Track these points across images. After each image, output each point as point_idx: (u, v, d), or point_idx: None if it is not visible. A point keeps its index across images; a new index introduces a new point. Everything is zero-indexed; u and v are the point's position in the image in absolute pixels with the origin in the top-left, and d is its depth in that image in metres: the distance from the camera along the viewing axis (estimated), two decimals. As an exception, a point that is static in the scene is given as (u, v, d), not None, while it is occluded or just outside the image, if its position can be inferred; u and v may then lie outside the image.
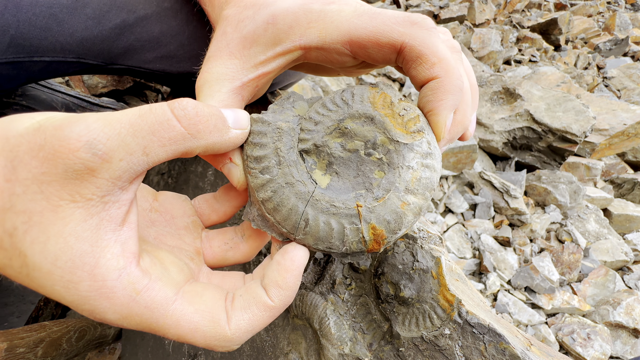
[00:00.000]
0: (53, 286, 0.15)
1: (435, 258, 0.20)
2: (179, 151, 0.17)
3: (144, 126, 0.16)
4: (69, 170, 0.15)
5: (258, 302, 0.18)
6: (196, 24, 0.38)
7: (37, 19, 0.30)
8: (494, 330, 0.17)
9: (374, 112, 0.18)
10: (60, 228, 0.15)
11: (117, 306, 0.16)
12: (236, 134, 0.18)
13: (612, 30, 1.90)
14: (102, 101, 0.57)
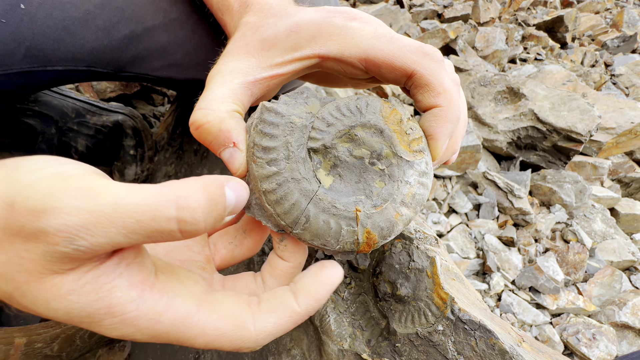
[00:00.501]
0: (80, 323, 0.16)
1: (430, 258, 0.21)
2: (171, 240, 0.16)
3: (140, 232, 0.15)
4: (48, 256, 0.14)
5: (285, 306, 0.19)
6: (201, 34, 0.40)
7: (51, 31, 0.32)
8: (484, 327, 0.18)
9: (385, 126, 0.20)
10: (55, 292, 0.15)
11: (144, 329, 0.16)
12: (230, 219, 0.18)
13: (620, 26, 1.88)
14: (111, 106, 0.58)
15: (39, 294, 0.15)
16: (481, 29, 1.40)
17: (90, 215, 0.14)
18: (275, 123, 0.19)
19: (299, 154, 0.19)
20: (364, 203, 0.19)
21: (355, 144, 0.20)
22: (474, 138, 0.91)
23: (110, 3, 0.34)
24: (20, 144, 0.50)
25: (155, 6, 0.36)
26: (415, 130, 0.20)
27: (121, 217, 0.14)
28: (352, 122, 0.20)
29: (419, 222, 0.25)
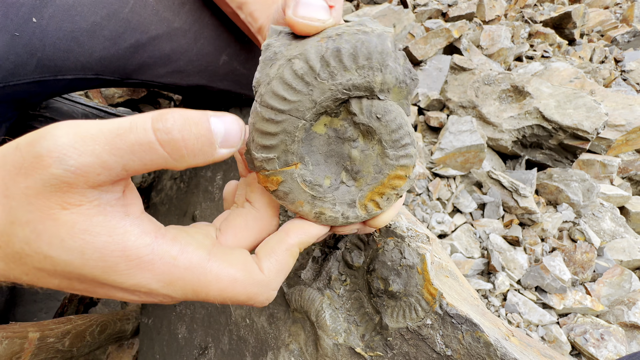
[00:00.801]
0: (92, 272, 0.16)
1: (421, 255, 0.22)
2: (158, 168, 0.17)
3: (123, 146, 0.15)
4: (46, 184, 0.14)
5: (280, 244, 0.20)
6: (203, 42, 0.41)
7: (61, 42, 0.34)
8: (470, 320, 0.18)
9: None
10: (69, 230, 0.15)
11: (160, 274, 0.17)
12: (222, 153, 0.17)
13: (630, 21, 1.84)
14: (119, 111, 0.60)
15: (54, 231, 0.15)
16: (486, 27, 1.39)
17: (77, 136, 0.14)
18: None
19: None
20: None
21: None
22: (478, 137, 0.90)
23: (116, 14, 0.35)
24: (33, 149, 0.52)
25: (159, 16, 0.38)
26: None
27: (104, 135, 0.15)
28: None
29: (412, 220, 0.25)
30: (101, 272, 0.16)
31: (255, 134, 0.19)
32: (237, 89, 0.48)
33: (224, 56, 0.43)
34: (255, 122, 0.19)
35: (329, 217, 0.20)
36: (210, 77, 0.45)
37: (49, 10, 0.33)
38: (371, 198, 0.21)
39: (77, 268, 0.16)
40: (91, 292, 0.17)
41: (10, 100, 0.37)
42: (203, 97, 0.55)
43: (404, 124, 0.19)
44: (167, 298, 0.18)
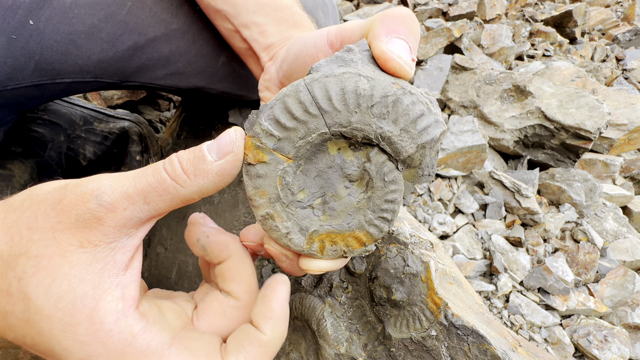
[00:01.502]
0: (51, 330, 0.16)
1: (425, 263, 0.21)
2: (175, 201, 0.18)
3: (144, 179, 0.18)
4: (79, 219, 0.16)
5: (251, 339, 0.19)
6: (202, 43, 0.41)
7: (59, 45, 0.33)
8: (477, 332, 0.18)
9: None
10: (66, 270, 0.16)
11: (112, 352, 0.16)
12: (220, 165, 0.18)
13: (631, 20, 1.83)
14: (118, 112, 0.60)
15: (53, 269, 0.16)
16: (487, 27, 1.38)
17: (116, 178, 0.17)
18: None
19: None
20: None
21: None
22: (479, 137, 0.90)
23: (114, 16, 0.35)
24: (30, 152, 0.52)
25: (156, 18, 0.37)
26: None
27: (131, 176, 0.18)
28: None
29: (415, 226, 0.25)
30: (61, 331, 0.16)
31: (279, 105, 0.18)
32: (237, 90, 0.48)
33: (222, 57, 0.43)
34: (286, 100, 0.18)
35: (274, 228, 0.19)
36: (209, 79, 0.44)
37: (46, 13, 0.32)
38: (322, 239, 0.20)
39: (43, 319, 0.16)
40: (37, 340, 0.17)
41: (9, 104, 0.37)
42: (202, 99, 0.55)
43: (398, 202, 0.19)
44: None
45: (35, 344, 0.16)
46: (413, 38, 0.20)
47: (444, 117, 1.01)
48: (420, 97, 0.19)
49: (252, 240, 0.21)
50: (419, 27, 0.21)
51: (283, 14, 0.31)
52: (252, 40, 0.32)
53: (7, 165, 0.48)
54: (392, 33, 0.19)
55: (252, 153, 0.19)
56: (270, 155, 0.19)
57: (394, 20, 0.19)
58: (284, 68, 0.27)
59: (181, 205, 0.19)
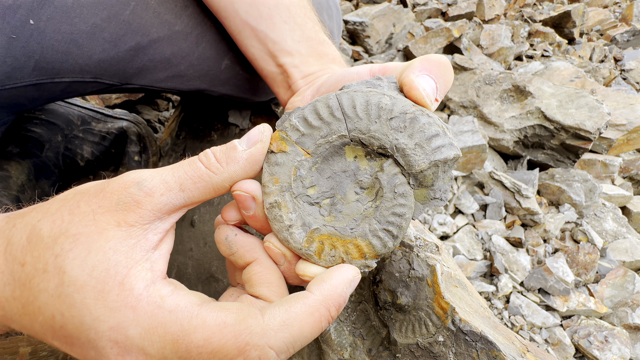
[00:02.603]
0: (84, 300, 0.17)
1: (431, 266, 0.21)
2: (208, 188, 0.19)
3: (180, 168, 0.19)
4: (120, 202, 0.18)
5: (297, 296, 0.18)
6: (205, 46, 0.40)
7: (59, 44, 0.33)
8: (485, 338, 0.17)
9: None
10: (102, 244, 0.17)
11: (141, 316, 0.17)
12: (250, 152, 0.20)
13: (629, 20, 1.84)
14: (116, 113, 0.59)
15: (89, 244, 0.17)
16: (486, 27, 1.38)
17: (154, 170, 0.19)
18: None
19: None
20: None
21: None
22: (479, 137, 0.90)
23: (117, 16, 0.34)
24: (27, 153, 0.51)
25: (160, 19, 0.37)
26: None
27: (170, 167, 0.20)
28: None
29: (420, 229, 0.25)
30: (93, 299, 0.17)
31: (309, 107, 0.20)
32: (239, 93, 0.47)
33: (226, 60, 0.42)
34: (317, 104, 0.20)
35: (278, 217, 0.20)
36: (212, 82, 0.44)
37: (47, 12, 0.31)
38: (323, 240, 0.20)
39: (77, 289, 0.17)
40: (67, 315, 0.17)
41: (7, 104, 0.36)
42: (202, 99, 0.54)
43: (406, 219, 0.20)
44: (140, 356, 0.17)
45: (64, 323, 0.17)
46: (443, 82, 0.22)
47: (443, 117, 1.01)
48: (437, 121, 0.20)
49: (246, 190, 0.21)
50: (452, 75, 0.22)
51: (324, 48, 0.33)
52: (293, 66, 0.33)
53: (3, 166, 0.48)
54: (425, 71, 0.21)
55: (277, 143, 0.21)
56: (291, 147, 0.20)
57: (431, 63, 0.21)
58: (322, 90, 0.28)
59: (213, 195, 0.20)
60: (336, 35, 0.52)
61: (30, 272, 0.17)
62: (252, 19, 0.33)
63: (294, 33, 0.32)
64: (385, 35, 1.29)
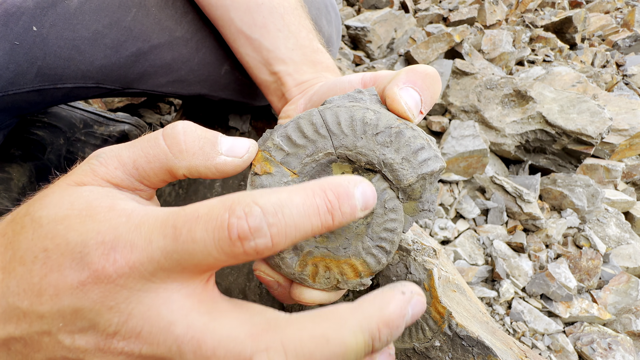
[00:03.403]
0: (69, 225, 0.16)
1: (428, 270, 0.21)
2: (163, 169, 0.18)
3: (137, 144, 0.18)
4: (78, 170, 0.18)
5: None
6: (205, 51, 0.41)
7: (62, 50, 0.33)
8: (482, 343, 0.17)
9: None
10: (74, 189, 0.17)
11: (135, 217, 0.17)
12: (225, 160, 0.18)
13: (631, 26, 1.84)
14: (118, 116, 0.59)
15: (61, 193, 0.17)
16: (487, 32, 1.39)
17: (119, 145, 0.19)
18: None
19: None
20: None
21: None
22: (480, 142, 0.90)
23: (118, 23, 0.35)
24: (29, 155, 0.52)
25: (161, 25, 0.37)
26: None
27: (129, 144, 0.19)
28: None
29: (418, 232, 0.24)
30: (79, 222, 0.15)
31: (292, 125, 0.20)
32: (239, 97, 0.47)
33: (225, 66, 0.43)
34: (300, 121, 0.20)
35: None
36: (212, 87, 0.44)
37: (50, 19, 0.32)
38: (316, 263, 0.20)
39: (57, 221, 0.16)
40: (37, 298, 0.15)
41: (10, 108, 0.37)
42: (203, 103, 0.55)
43: (398, 233, 0.20)
44: (126, 250, 0.15)
45: (46, 258, 0.15)
46: (428, 94, 0.21)
47: (444, 121, 1.01)
48: (421, 134, 0.20)
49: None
50: (439, 87, 0.22)
51: (318, 56, 0.33)
52: (286, 74, 0.32)
53: (5, 169, 0.48)
54: (409, 83, 0.21)
55: (260, 164, 0.20)
56: (276, 168, 0.20)
57: (417, 74, 0.21)
58: (314, 99, 0.28)
59: (169, 177, 0.18)
60: (335, 41, 0.52)
61: (9, 235, 0.16)
62: (247, 27, 0.33)
63: (287, 41, 0.32)
64: (387, 40, 1.30)
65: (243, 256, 0.14)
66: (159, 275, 0.15)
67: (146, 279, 0.14)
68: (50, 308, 0.14)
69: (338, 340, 0.13)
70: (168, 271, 0.15)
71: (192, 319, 0.14)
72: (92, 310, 0.14)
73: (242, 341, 0.14)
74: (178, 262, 0.14)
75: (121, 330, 0.14)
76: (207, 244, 0.14)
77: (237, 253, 0.14)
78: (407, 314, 0.15)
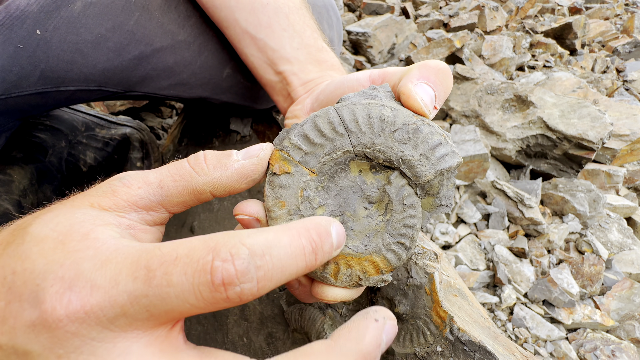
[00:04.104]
0: (41, 250, 0.16)
1: (429, 274, 0.20)
2: (187, 188, 0.18)
3: (165, 167, 0.19)
4: (98, 190, 0.18)
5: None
6: (207, 55, 0.41)
7: (65, 53, 0.33)
8: (484, 348, 0.17)
9: None
10: (71, 210, 0.17)
11: (102, 252, 0.16)
12: (242, 164, 0.19)
13: (631, 32, 1.84)
14: (119, 119, 0.60)
15: (58, 211, 0.17)
16: (488, 38, 1.39)
17: (141, 172, 0.20)
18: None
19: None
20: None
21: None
22: (481, 146, 0.90)
23: (121, 26, 0.35)
24: (31, 158, 0.52)
25: (163, 29, 0.37)
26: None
27: (156, 168, 0.20)
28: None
29: (420, 236, 0.24)
30: (51, 248, 0.15)
31: (309, 124, 0.20)
32: (241, 101, 0.48)
33: (227, 69, 0.43)
34: (317, 120, 0.20)
35: None
36: (213, 90, 0.44)
37: (54, 23, 0.32)
38: (338, 261, 0.20)
39: (35, 242, 0.15)
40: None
41: (12, 111, 0.37)
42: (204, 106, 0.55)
43: (417, 229, 0.20)
44: (84, 289, 0.14)
45: (13, 281, 0.14)
46: (442, 89, 0.21)
47: (445, 126, 1.01)
48: (437, 130, 0.20)
49: (249, 214, 0.20)
50: (451, 81, 0.22)
51: (323, 55, 0.33)
52: (292, 74, 0.33)
53: (6, 171, 0.48)
54: (423, 79, 0.21)
55: (279, 164, 0.20)
56: (295, 167, 0.20)
57: (429, 69, 0.21)
58: (321, 98, 0.28)
59: (192, 198, 0.19)
60: (337, 45, 0.52)
61: (3, 245, 0.16)
62: (252, 28, 0.33)
63: (292, 40, 0.32)
64: (388, 45, 1.30)
65: (223, 303, 0.13)
66: (119, 323, 0.13)
67: (103, 326, 0.13)
68: (7, 341, 0.14)
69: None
70: (131, 318, 0.13)
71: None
72: (41, 356, 0.13)
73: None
74: (146, 308, 0.13)
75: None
76: (185, 289, 0.13)
77: (218, 299, 0.13)
78: (382, 342, 0.15)
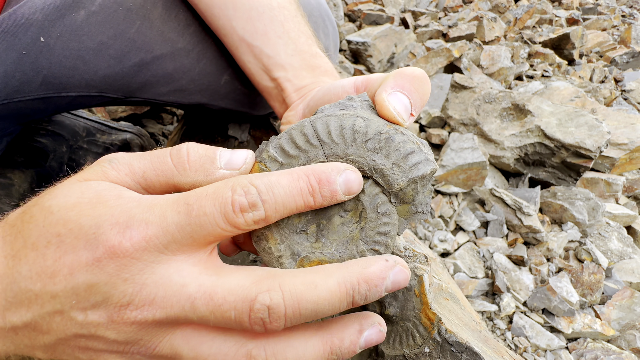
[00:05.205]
0: (80, 211, 0.18)
1: (419, 277, 0.21)
2: (169, 183, 0.19)
3: (147, 157, 0.20)
4: (89, 170, 0.19)
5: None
6: (205, 62, 0.42)
7: (67, 60, 0.34)
8: (471, 349, 0.17)
9: None
10: (82, 183, 0.19)
11: (146, 200, 0.18)
12: (224, 174, 0.19)
13: (628, 42, 1.87)
14: (120, 125, 0.61)
15: (69, 186, 0.18)
16: (486, 48, 1.41)
17: (132, 154, 0.21)
18: None
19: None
20: None
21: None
22: (479, 154, 0.90)
23: (122, 34, 0.36)
24: (32, 162, 0.52)
25: (164, 37, 0.38)
26: None
27: (140, 154, 0.20)
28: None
29: (410, 239, 0.25)
30: (91, 208, 0.17)
31: (285, 136, 0.21)
32: (238, 107, 0.48)
33: (225, 76, 0.44)
34: (292, 132, 0.21)
35: (267, 249, 0.20)
36: (212, 96, 0.45)
37: (57, 30, 0.33)
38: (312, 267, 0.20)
39: (68, 208, 0.17)
40: (50, 280, 0.17)
41: (14, 115, 0.38)
42: (204, 113, 0.56)
43: (392, 236, 0.20)
44: (141, 226, 0.17)
45: (60, 242, 0.16)
46: (417, 96, 0.21)
47: (444, 134, 1.02)
48: (411, 138, 0.20)
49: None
50: (428, 88, 0.22)
51: (317, 61, 0.34)
52: (286, 80, 0.33)
53: (7, 174, 0.49)
54: (397, 87, 0.21)
55: (253, 170, 0.21)
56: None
57: (404, 77, 0.21)
58: (311, 104, 0.29)
59: (174, 191, 0.20)
60: (332, 53, 0.53)
61: (18, 225, 0.17)
62: (249, 35, 0.34)
63: (287, 47, 0.33)
64: (387, 54, 1.32)
65: (244, 225, 0.17)
66: (171, 248, 0.17)
67: (159, 251, 0.16)
68: (64, 287, 0.16)
69: (324, 287, 0.16)
70: (179, 243, 0.17)
71: (203, 279, 0.17)
72: (107, 284, 0.16)
73: (247, 287, 0.16)
74: (190, 234, 0.17)
75: (134, 300, 0.16)
76: (216, 216, 0.17)
77: (239, 223, 0.17)
78: (387, 278, 0.17)
